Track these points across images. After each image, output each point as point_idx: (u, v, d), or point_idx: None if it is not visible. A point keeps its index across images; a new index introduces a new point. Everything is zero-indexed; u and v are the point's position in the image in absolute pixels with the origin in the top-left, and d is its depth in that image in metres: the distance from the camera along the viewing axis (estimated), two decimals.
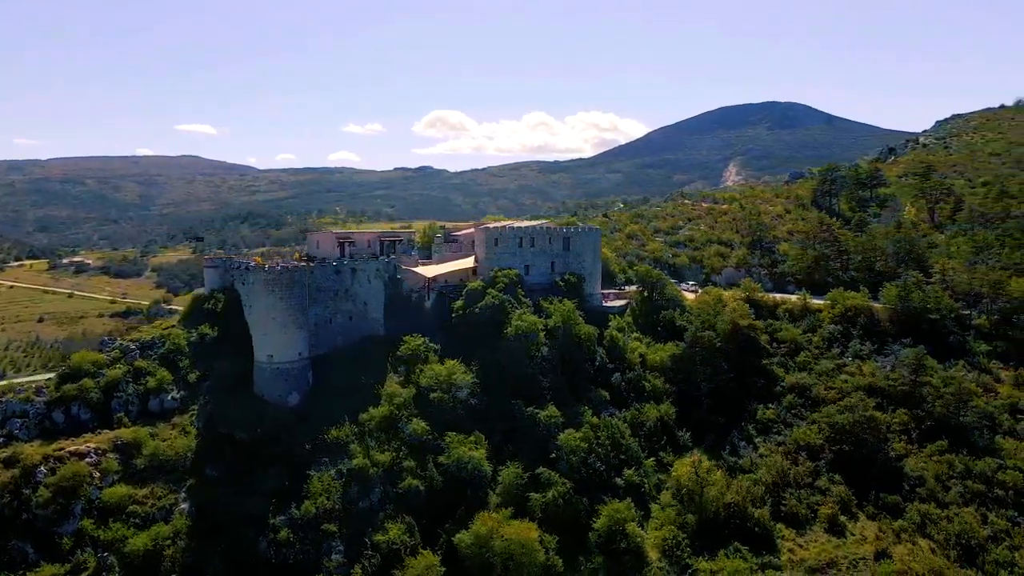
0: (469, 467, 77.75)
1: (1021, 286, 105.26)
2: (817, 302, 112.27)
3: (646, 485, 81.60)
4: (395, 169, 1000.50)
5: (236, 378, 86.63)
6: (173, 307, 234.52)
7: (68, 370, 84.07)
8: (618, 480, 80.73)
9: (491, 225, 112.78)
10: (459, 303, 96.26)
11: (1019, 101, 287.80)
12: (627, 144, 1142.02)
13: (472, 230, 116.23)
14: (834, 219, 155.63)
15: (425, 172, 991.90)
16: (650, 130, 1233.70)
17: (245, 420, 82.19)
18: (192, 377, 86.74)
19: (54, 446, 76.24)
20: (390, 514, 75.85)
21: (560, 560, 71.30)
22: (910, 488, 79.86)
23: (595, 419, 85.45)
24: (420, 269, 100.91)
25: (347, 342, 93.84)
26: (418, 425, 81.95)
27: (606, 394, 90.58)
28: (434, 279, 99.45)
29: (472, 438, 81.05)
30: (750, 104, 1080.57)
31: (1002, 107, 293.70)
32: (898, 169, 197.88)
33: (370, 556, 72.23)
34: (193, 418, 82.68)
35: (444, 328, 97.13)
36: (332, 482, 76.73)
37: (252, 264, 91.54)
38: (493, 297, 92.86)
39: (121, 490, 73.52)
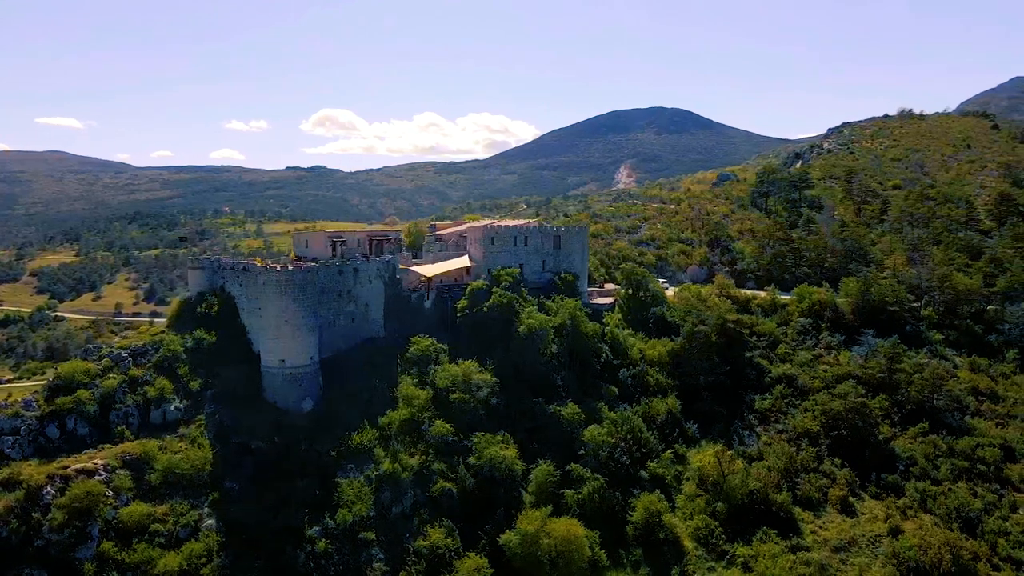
0: (502, 467, 77.40)
1: (964, 280, 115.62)
2: (784, 297, 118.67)
3: (667, 477, 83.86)
4: (287, 168, 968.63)
5: (242, 385, 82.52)
6: (60, 314, 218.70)
7: (58, 381, 77.27)
8: (643, 473, 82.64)
9: (486, 223, 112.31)
10: (462, 302, 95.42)
11: (902, 111, 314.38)
12: (521, 146, 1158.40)
13: (455, 229, 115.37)
14: (772, 218, 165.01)
15: (319, 172, 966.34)
16: (541, 133, 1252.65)
17: (260, 429, 78.58)
18: (195, 385, 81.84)
19: (56, 464, 70.10)
20: (425, 519, 74.65)
21: (604, 554, 72.38)
22: (904, 468, 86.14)
23: (613, 414, 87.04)
24: (418, 268, 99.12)
25: (348, 345, 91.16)
26: (442, 426, 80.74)
27: (615, 390, 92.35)
28: (433, 279, 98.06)
29: (500, 437, 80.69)
30: (638, 109, 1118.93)
31: (886, 116, 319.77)
32: (815, 172, 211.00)
33: (414, 562, 70.80)
34: (202, 429, 78.02)
35: (445, 328, 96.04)
36: (362, 489, 74.54)
37: (254, 265, 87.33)
38: (500, 296, 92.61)
39: (140, 508, 68.62)
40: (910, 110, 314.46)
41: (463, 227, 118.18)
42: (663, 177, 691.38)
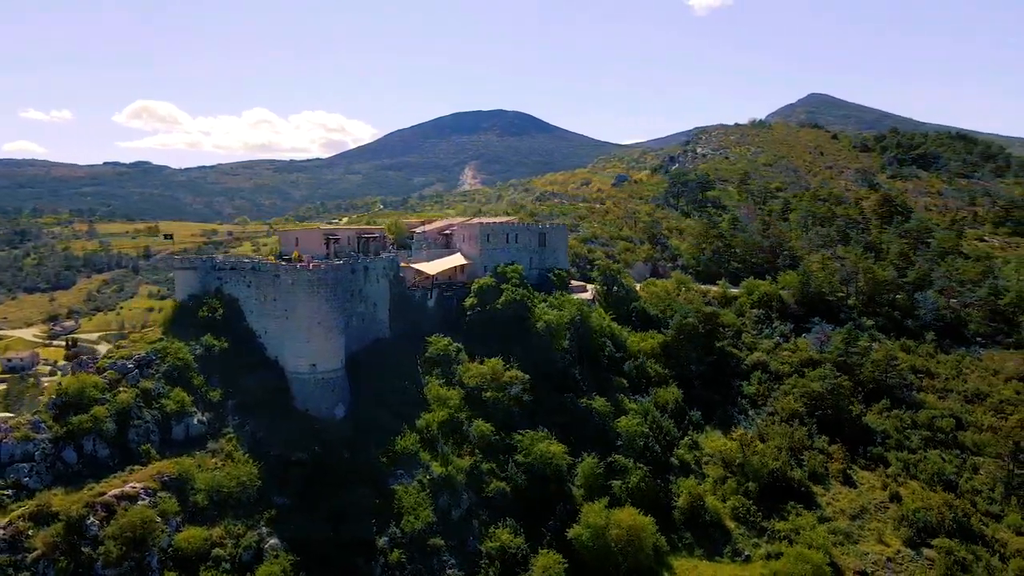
0: (552, 463, 77.73)
1: (882, 273, 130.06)
2: (734, 291, 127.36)
3: (691, 462, 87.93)
4: (105, 164, 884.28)
5: (265, 393, 76.59)
6: None
7: (66, 398, 67.85)
8: (673, 460, 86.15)
9: (479, 221, 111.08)
10: (470, 300, 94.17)
11: (752, 120, 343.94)
12: (363, 146, 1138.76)
13: (434, 226, 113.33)
14: (698, 218, 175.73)
15: (143, 168, 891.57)
16: (381, 133, 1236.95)
17: (298, 439, 73.38)
18: (214, 396, 74.91)
19: (88, 491, 62.01)
20: (484, 520, 73.65)
21: (663, 539, 74.97)
22: (881, 441, 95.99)
23: (634, 405, 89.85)
24: (420, 266, 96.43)
25: (359, 346, 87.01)
26: (483, 426, 79.67)
27: (624, 382, 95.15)
28: (435, 276, 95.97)
29: (543, 434, 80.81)
30: (481, 111, 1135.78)
31: (737, 124, 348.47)
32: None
33: (487, 564, 69.72)
34: (233, 443, 71.69)
35: (447, 326, 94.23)
36: (419, 495, 72.10)
37: (267, 263, 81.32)
38: (513, 293, 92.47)
39: (197, 533, 62.21)
40: (760, 120, 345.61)
41: (439, 224, 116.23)
42: (513, 179, 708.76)
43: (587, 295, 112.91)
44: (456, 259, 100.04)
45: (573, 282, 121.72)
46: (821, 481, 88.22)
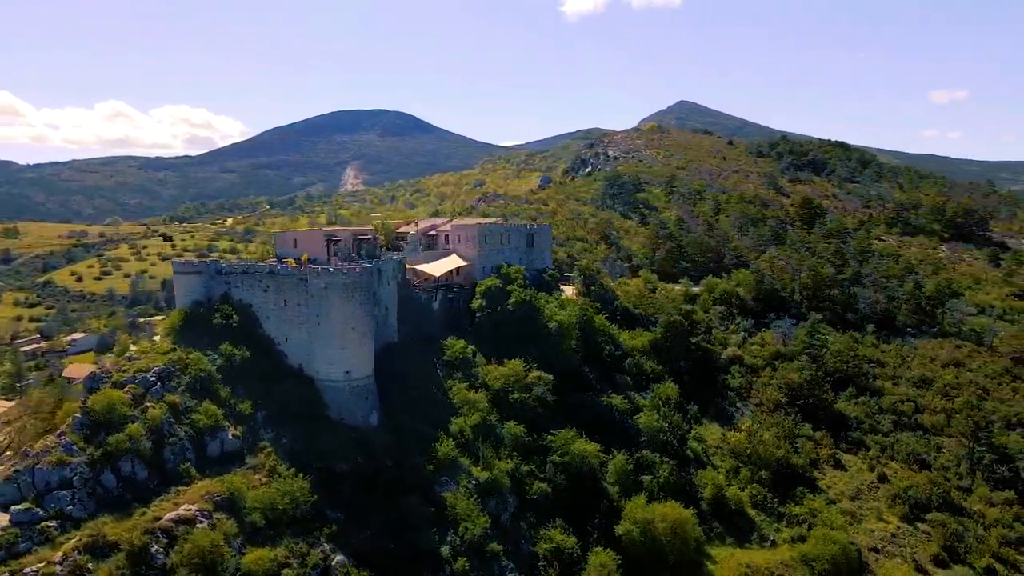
0: (588, 462, 78.57)
1: (824, 270, 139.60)
2: (695, 289, 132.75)
3: (700, 454, 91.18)
4: None
5: (298, 403, 72.70)
6: None
7: (94, 416, 61.66)
8: (688, 452, 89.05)
9: (477, 222, 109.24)
10: (478, 302, 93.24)
11: (654, 126, 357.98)
12: (238, 144, 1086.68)
13: (421, 226, 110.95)
14: (625, 218, 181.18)
15: None
16: (252, 130, 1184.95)
17: (339, 450, 70.29)
18: (245, 408, 70.31)
19: (141, 517, 56.72)
20: (533, 522, 73.60)
21: (701, 530, 77.56)
22: (856, 426, 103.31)
23: (645, 401, 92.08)
24: (424, 267, 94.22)
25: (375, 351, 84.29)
26: (516, 428, 79.41)
27: (628, 378, 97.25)
28: (439, 278, 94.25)
29: (573, 433, 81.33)
30: (361, 110, 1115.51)
31: (638, 128, 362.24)
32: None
33: (545, 567, 69.75)
34: (273, 457, 67.62)
35: (451, 328, 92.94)
36: (468, 501, 70.90)
37: (287, 268, 77.09)
38: (522, 293, 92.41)
39: (263, 554, 58.27)
40: (659, 125, 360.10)
41: (424, 225, 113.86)
42: (399, 179, 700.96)
43: (568, 293, 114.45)
44: (455, 260, 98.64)
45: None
46: (815, 466, 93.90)
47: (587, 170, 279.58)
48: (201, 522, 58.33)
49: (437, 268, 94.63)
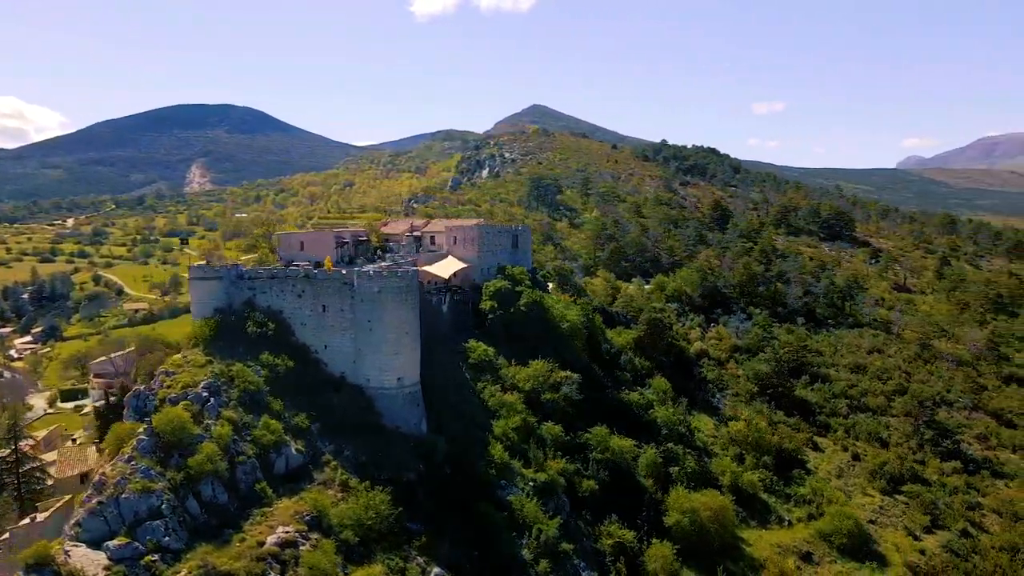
0: (625, 457, 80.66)
1: (756, 268, 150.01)
2: (647, 287, 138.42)
3: (703, 443, 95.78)
4: None
5: (352, 413, 69.47)
6: None
7: (165, 438, 55.88)
8: (697, 443, 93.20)
9: (473, 223, 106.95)
10: (488, 303, 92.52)
11: (539, 129, 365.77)
12: (63, 136, 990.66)
13: (403, 227, 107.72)
14: (554, 220, 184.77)
15: None
16: (76, 122, 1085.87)
17: (404, 459, 67.92)
18: (301, 422, 66.19)
19: (241, 543, 52.33)
20: (588, 519, 74.68)
21: (735, 516, 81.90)
22: (818, 411, 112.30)
23: (653, 396, 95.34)
24: (431, 269, 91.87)
25: None
26: (554, 428, 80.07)
27: (628, 375, 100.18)
28: (447, 280, 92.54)
29: (605, 429, 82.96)
30: (207, 105, 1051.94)
31: (523, 132, 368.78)
32: (521, 179, 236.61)
33: (612, 562, 71.05)
34: (337, 471, 64.29)
35: (457, 329, 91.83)
36: (531, 503, 70.88)
37: (324, 272, 73.13)
38: (531, 294, 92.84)
39: (371, 571, 55.66)
40: (544, 128, 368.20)
41: (403, 226, 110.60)
42: (247, 179, 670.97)
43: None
44: (455, 262, 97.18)
45: None
46: (798, 449, 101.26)
47: (484, 172, 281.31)
48: (302, 543, 54.70)
49: (444, 270, 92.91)
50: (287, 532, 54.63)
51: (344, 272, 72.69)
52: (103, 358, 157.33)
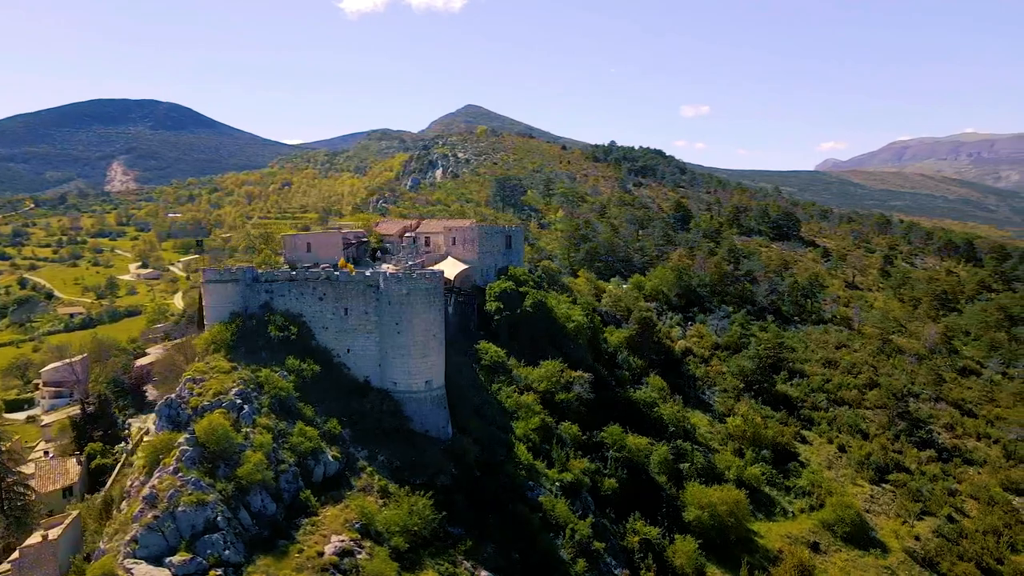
0: (641, 455, 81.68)
1: (726, 267, 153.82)
2: (625, 286, 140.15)
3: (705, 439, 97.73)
4: None
5: (382, 417, 68.14)
6: None
7: (210, 449, 53.63)
8: (699, 439, 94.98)
9: (469, 223, 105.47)
10: (494, 304, 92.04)
11: (488, 129, 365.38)
12: None
13: (397, 228, 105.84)
14: (516, 217, 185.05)
15: None
16: None
17: (438, 463, 67.12)
18: (334, 427, 64.52)
19: (300, 555, 50.78)
20: (612, 517, 75.32)
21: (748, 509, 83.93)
22: (801, 405, 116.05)
23: (655, 394, 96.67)
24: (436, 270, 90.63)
25: None
26: (572, 428, 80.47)
27: (627, 374, 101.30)
28: (452, 281, 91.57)
29: (619, 428, 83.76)
30: (128, 100, 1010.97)
31: (472, 132, 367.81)
32: (462, 180, 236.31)
33: (642, 558, 71.87)
34: (374, 476, 63.02)
35: (461, 330, 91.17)
36: (559, 502, 71.09)
37: (346, 273, 71.40)
38: (537, 295, 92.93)
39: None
40: (493, 128, 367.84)
41: (397, 227, 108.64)
42: (176, 177, 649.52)
43: None
44: (455, 263, 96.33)
45: None
46: (788, 443, 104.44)
47: (438, 172, 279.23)
48: (358, 552, 53.40)
49: (450, 271, 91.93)
50: (342, 541, 53.22)
51: (369, 274, 71.12)
52: (56, 365, 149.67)
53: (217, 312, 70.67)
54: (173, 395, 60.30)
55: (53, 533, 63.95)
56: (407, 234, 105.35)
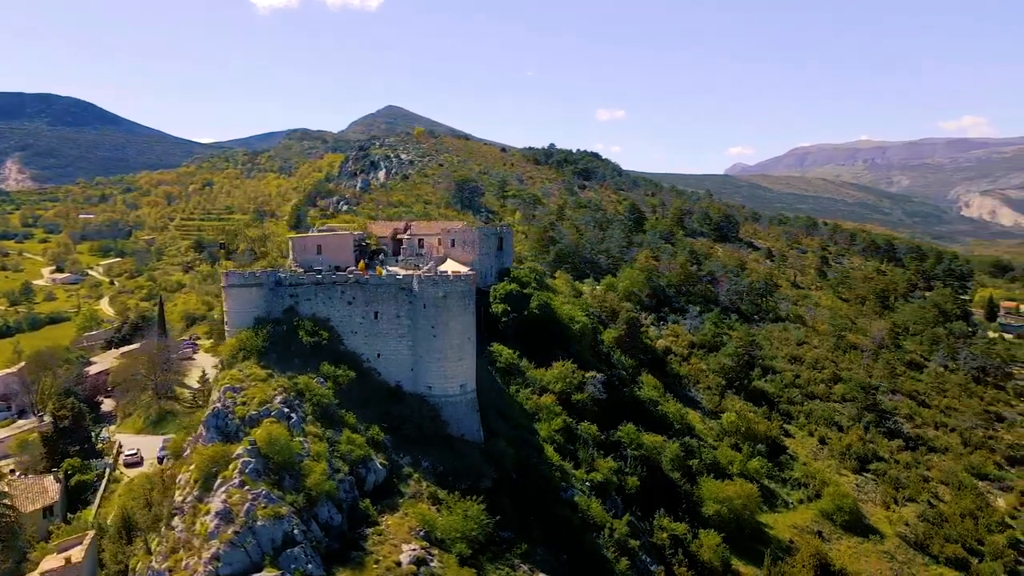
0: (655, 452, 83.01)
1: (690, 268, 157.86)
2: (598, 288, 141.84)
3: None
4: None
5: (418, 422, 66.77)
6: None
7: (276, 459, 51.29)
8: (701, 434, 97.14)
9: (481, 226, 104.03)
10: (501, 306, 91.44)
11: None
12: None
13: (389, 230, 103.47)
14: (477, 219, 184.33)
15: None
16: None
17: (477, 468, 66.34)
18: (376, 434, 62.79)
19: (377, 566, 49.38)
20: (639, 515, 76.24)
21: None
22: (778, 400, 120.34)
23: (655, 392, 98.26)
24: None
25: None
26: (591, 428, 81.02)
27: (625, 373, 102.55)
28: None
29: (633, 426, 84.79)
30: (24, 93, 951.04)
31: (408, 134, 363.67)
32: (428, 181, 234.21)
33: (672, 554, 73.05)
34: (420, 482, 61.76)
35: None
36: (593, 502, 71.55)
37: (376, 277, 69.63)
38: (542, 296, 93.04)
39: None
40: (430, 129, 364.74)
41: (388, 227, 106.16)
42: (81, 177, 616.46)
43: None
44: (459, 265, 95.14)
45: None
46: (776, 437, 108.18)
47: (381, 173, 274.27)
48: (431, 560, 52.22)
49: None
50: (414, 550, 51.89)
51: (400, 277, 69.60)
52: None
53: (240, 317, 67.62)
54: (219, 405, 57.27)
55: (76, 555, 60.07)
56: (399, 236, 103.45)
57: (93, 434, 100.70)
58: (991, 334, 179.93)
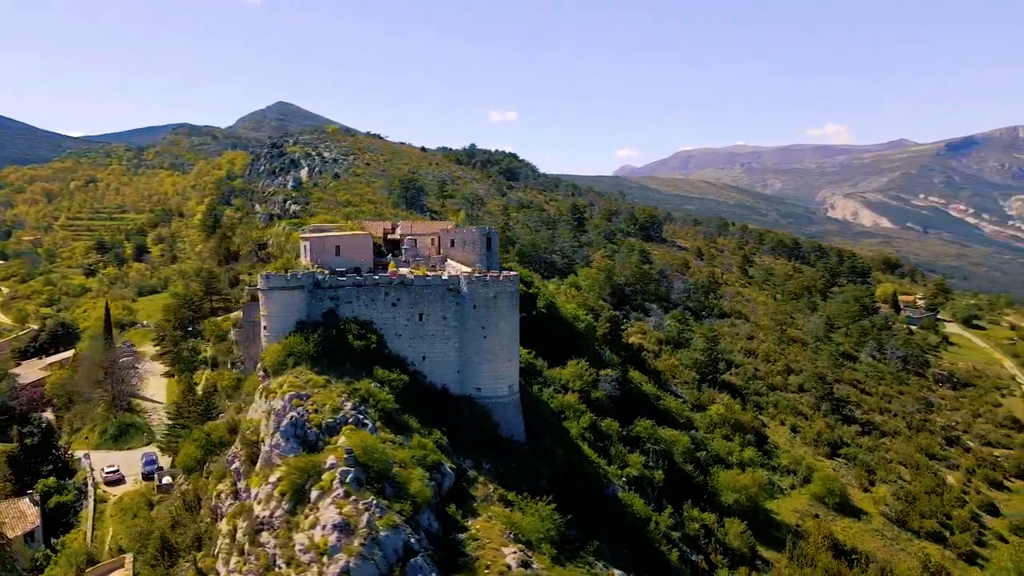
0: (673, 446, 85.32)
1: (644, 267, 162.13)
2: (563, 287, 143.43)
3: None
4: None
5: (472, 425, 65.88)
6: None
7: (375, 468, 49.37)
8: (697, 426, 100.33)
9: (460, 225, 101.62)
10: None
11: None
12: None
13: (374, 229, 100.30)
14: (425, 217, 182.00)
15: None
16: None
17: (533, 468, 66.18)
18: (439, 438, 61.47)
19: (487, 570, 48.65)
20: (670, 508, 78.07)
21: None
22: (744, 392, 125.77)
23: (652, 387, 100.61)
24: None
25: None
26: (614, 424, 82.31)
27: (619, 371, 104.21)
28: None
29: (649, 421, 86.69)
30: None
31: (322, 131, 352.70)
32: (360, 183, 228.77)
33: (706, 544, 75.40)
34: (488, 486, 61.09)
35: None
36: (635, 498, 72.85)
37: (421, 278, 68.05)
38: (547, 295, 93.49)
39: None
40: (344, 129, 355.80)
41: (378, 227, 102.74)
42: None
43: None
44: (461, 266, 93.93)
45: None
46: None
47: (303, 172, 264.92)
48: (529, 560, 51.77)
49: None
50: (514, 553, 51.29)
51: (447, 278, 68.33)
52: None
53: (280, 322, 64.38)
54: (295, 414, 54.31)
55: None
56: (390, 236, 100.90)
57: (69, 453, 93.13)
58: (900, 326, 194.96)
